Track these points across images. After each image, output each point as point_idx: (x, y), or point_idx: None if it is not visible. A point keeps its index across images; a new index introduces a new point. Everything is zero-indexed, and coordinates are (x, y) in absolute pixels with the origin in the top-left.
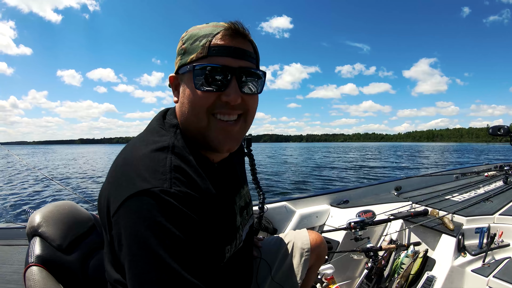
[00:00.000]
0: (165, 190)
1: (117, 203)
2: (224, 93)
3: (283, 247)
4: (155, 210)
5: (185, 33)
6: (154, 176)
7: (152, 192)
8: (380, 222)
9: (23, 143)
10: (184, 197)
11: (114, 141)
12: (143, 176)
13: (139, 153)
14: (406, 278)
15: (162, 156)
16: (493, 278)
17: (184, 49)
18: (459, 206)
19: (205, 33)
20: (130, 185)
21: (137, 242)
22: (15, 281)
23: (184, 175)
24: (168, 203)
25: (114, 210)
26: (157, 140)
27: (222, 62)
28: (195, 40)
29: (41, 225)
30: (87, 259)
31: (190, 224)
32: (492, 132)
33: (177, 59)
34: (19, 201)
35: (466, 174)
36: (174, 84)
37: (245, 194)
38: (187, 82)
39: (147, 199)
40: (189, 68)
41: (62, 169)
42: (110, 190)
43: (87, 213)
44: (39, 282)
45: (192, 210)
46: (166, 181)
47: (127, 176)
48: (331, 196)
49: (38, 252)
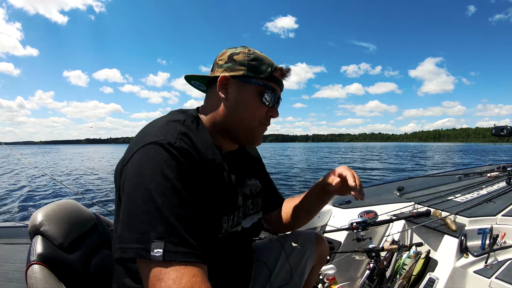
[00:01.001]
0: (170, 143)
1: (129, 155)
2: (272, 109)
3: (285, 247)
4: (159, 156)
5: (246, 49)
6: (163, 134)
7: (159, 142)
8: (382, 222)
9: (29, 143)
10: (187, 153)
11: (120, 141)
12: (154, 134)
13: (155, 124)
14: (408, 279)
15: (173, 125)
16: (496, 279)
17: (252, 65)
18: (461, 207)
19: (268, 63)
20: (141, 140)
21: (137, 182)
22: (17, 279)
23: (189, 139)
24: (171, 153)
25: (126, 162)
26: (173, 117)
27: (276, 88)
28: (261, 63)
29: (43, 224)
30: (89, 258)
31: (188, 178)
32: (495, 132)
33: (236, 67)
34: (21, 200)
35: (469, 174)
36: (224, 84)
37: (252, 185)
38: (248, 91)
39: (153, 146)
40: (261, 83)
41: (65, 168)
42: (126, 151)
43: (89, 212)
44: (40, 280)
45: (192, 167)
46: (173, 137)
47: (141, 137)
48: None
49: (40, 250)
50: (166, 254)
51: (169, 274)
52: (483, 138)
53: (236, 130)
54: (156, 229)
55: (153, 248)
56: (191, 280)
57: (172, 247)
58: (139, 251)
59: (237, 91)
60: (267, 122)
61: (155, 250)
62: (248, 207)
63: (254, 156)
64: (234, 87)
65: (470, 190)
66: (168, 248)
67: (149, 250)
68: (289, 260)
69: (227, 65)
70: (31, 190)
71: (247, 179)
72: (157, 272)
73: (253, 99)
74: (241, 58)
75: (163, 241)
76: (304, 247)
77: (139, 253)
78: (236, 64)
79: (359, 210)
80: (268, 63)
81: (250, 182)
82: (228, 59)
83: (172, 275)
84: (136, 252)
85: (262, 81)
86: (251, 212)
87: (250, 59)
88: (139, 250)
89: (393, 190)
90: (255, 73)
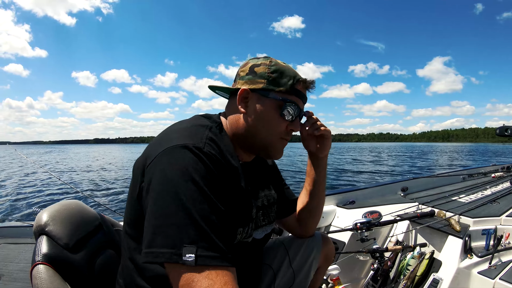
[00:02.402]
0: (199, 147)
1: (154, 154)
2: (293, 124)
3: (290, 248)
4: (187, 159)
5: (268, 60)
6: (191, 138)
7: (188, 146)
8: (386, 223)
9: (39, 143)
10: (215, 159)
11: (128, 140)
12: (182, 137)
13: (180, 126)
14: (412, 279)
15: (201, 129)
16: (500, 280)
17: (273, 78)
18: (466, 207)
19: (290, 75)
20: (168, 142)
21: (165, 185)
22: (22, 279)
23: (217, 146)
24: (200, 158)
25: (150, 161)
26: (199, 122)
27: (297, 102)
28: (282, 75)
29: (48, 224)
30: (94, 258)
31: (216, 184)
32: (499, 133)
33: (257, 79)
34: (27, 200)
35: (473, 175)
36: (243, 97)
37: (265, 196)
38: (268, 105)
39: (182, 150)
40: (280, 98)
41: (70, 168)
42: (149, 151)
43: (94, 212)
44: (45, 280)
45: (219, 174)
46: (201, 142)
47: (167, 138)
48: (337, 197)
49: (45, 250)
50: (198, 259)
51: (200, 282)
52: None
53: (256, 143)
54: (187, 234)
55: (185, 253)
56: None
57: (203, 252)
58: (171, 256)
59: (257, 105)
60: (288, 136)
61: (187, 255)
62: (259, 219)
63: (269, 164)
64: (254, 101)
65: (474, 190)
66: (200, 253)
67: (181, 255)
68: (294, 262)
69: (248, 77)
70: (36, 190)
71: (260, 191)
72: (189, 277)
73: (272, 114)
74: (261, 70)
75: (194, 246)
76: (310, 247)
77: (171, 257)
78: (256, 77)
79: (363, 210)
80: (290, 75)
81: (263, 193)
82: (249, 71)
83: (204, 283)
84: (169, 257)
85: (282, 95)
86: (262, 224)
87: (270, 71)
88: (171, 255)
89: (397, 191)
90: (275, 86)
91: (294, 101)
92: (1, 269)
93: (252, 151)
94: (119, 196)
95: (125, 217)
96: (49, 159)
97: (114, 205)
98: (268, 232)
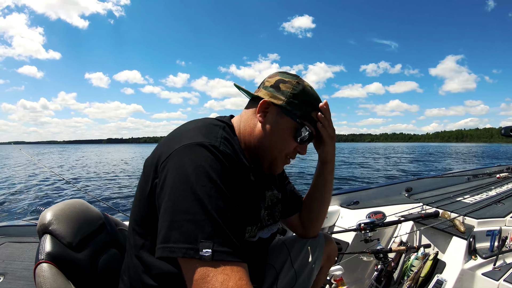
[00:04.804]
0: (215, 145)
1: (169, 151)
2: (302, 147)
3: (292, 248)
4: (204, 157)
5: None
6: (207, 136)
7: (204, 144)
8: (390, 223)
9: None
10: (230, 158)
11: (141, 140)
12: (197, 135)
13: (194, 125)
14: (416, 280)
15: (215, 128)
16: (504, 282)
17: (293, 99)
18: (470, 208)
19: (310, 101)
20: (184, 139)
21: (182, 182)
22: (25, 278)
23: (230, 145)
24: (215, 155)
25: (165, 158)
26: (212, 121)
27: (311, 128)
28: (303, 100)
29: (51, 223)
30: (97, 257)
31: (230, 182)
32: (504, 132)
33: (278, 95)
34: (30, 199)
35: (478, 175)
36: (264, 107)
37: (269, 196)
38: (284, 123)
39: (199, 147)
40: (298, 121)
41: (74, 168)
42: (162, 148)
43: (98, 212)
44: (49, 279)
45: (233, 172)
46: (217, 141)
47: (181, 136)
48: (341, 197)
49: (48, 249)
50: (215, 254)
51: (216, 277)
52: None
53: (261, 153)
54: (204, 230)
55: (201, 248)
56: (237, 283)
57: (219, 247)
58: (187, 251)
59: (275, 120)
60: (293, 156)
61: (204, 250)
62: (264, 219)
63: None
64: (273, 115)
65: (479, 191)
66: (216, 248)
67: (197, 250)
68: (296, 262)
69: (271, 89)
70: (40, 189)
71: (266, 191)
72: (204, 272)
73: (286, 133)
74: (286, 88)
75: (211, 241)
76: (312, 247)
77: (187, 252)
78: (279, 92)
79: (367, 211)
80: (310, 100)
81: (268, 193)
82: (275, 84)
83: (220, 278)
84: (185, 252)
85: (300, 119)
86: (267, 223)
87: (294, 92)
88: (188, 250)
89: (401, 191)
90: (292, 108)
91: (309, 127)
92: (5, 268)
93: (255, 157)
94: (123, 195)
95: (132, 214)
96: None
97: (118, 205)
98: (274, 232)
